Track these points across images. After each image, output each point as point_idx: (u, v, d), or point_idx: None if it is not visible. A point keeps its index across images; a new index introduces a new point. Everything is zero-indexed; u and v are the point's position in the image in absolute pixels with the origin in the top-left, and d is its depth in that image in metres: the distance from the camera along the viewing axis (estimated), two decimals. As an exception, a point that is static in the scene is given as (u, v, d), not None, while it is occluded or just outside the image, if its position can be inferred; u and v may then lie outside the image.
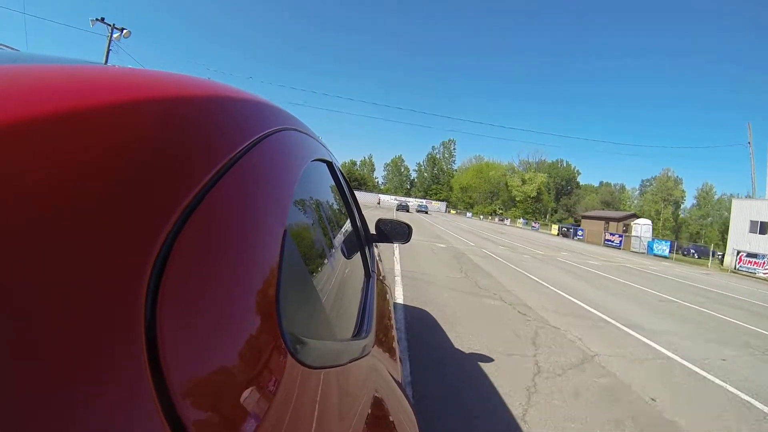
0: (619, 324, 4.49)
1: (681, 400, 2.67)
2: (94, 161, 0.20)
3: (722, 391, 2.97)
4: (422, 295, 4.48)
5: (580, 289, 6.57)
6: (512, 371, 2.71)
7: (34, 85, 0.23)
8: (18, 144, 0.18)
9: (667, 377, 3.08)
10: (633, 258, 18.29)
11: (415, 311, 3.80)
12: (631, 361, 3.32)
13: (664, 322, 4.99)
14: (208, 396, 0.22)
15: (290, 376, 0.31)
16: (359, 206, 1.34)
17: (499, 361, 2.82)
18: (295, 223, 0.45)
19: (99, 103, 0.23)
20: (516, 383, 2.52)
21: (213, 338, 0.23)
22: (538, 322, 4.08)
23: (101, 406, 0.17)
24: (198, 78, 0.39)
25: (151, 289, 0.20)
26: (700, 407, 2.61)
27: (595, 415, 2.26)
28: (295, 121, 0.57)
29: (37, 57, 0.34)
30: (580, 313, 4.80)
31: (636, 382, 2.84)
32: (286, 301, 0.33)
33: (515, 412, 2.15)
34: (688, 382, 3.04)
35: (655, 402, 2.55)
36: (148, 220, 0.21)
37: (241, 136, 0.34)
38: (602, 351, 3.44)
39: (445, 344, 3.03)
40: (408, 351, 2.71)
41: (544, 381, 2.62)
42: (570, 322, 4.26)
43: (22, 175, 0.17)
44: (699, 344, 4.18)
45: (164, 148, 0.25)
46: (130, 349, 0.18)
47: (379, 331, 0.91)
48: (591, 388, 2.64)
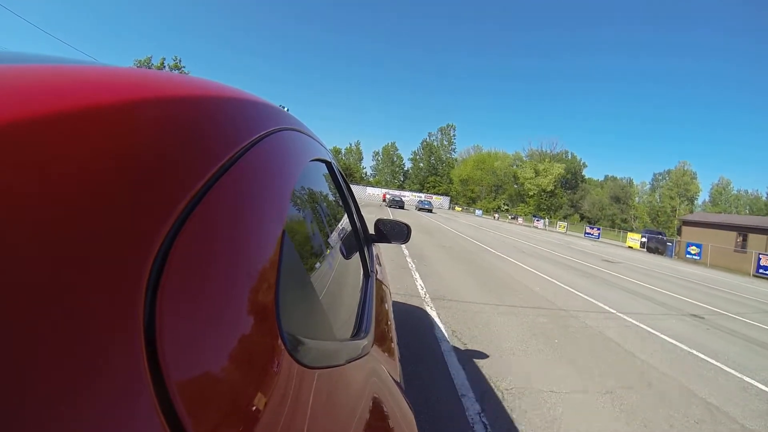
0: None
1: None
2: (93, 161, 0.20)
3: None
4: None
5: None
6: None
7: (34, 85, 0.23)
8: (18, 144, 0.18)
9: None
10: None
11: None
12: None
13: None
14: (206, 395, 0.22)
15: (289, 376, 0.31)
16: (358, 206, 1.32)
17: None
18: (293, 223, 0.45)
19: (98, 103, 0.23)
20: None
21: (211, 338, 0.24)
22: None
23: (100, 405, 0.17)
24: (197, 78, 0.39)
25: (150, 289, 0.20)
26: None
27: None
28: (294, 120, 0.57)
29: (37, 57, 0.34)
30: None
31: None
32: (285, 301, 0.33)
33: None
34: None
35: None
36: (148, 220, 0.21)
37: (240, 136, 0.34)
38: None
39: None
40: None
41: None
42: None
43: (22, 174, 0.17)
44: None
45: (163, 148, 0.25)
46: (129, 349, 0.18)
47: (378, 331, 0.91)
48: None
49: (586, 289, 6.13)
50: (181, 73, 50.36)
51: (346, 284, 0.81)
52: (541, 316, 4.03)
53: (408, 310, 3.55)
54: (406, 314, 3.38)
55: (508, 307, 4.22)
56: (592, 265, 10.03)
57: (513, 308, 4.19)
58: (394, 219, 1.72)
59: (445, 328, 3.15)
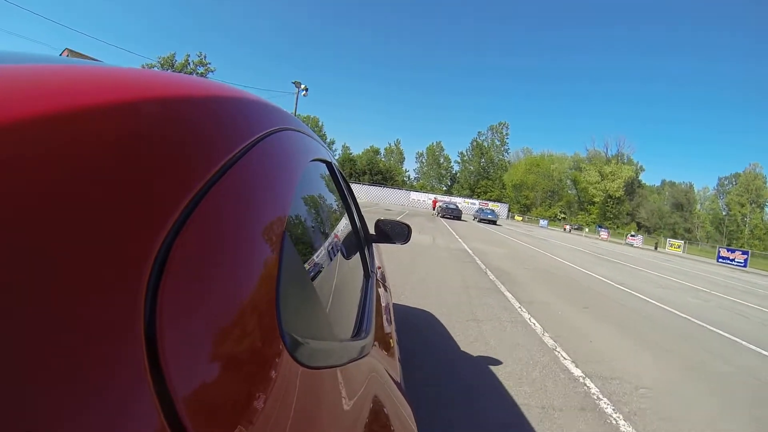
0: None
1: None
2: (93, 161, 0.20)
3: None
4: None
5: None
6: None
7: (34, 84, 0.23)
8: (18, 143, 0.18)
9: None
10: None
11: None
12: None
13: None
14: (207, 395, 0.22)
15: (289, 376, 0.31)
16: (359, 206, 1.31)
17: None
18: (294, 224, 0.45)
19: (98, 102, 0.23)
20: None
21: (212, 338, 0.24)
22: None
23: (101, 404, 0.17)
24: (197, 78, 0.39)
25: (150, 289, 0.20)
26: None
27: None
28: (295, 121, 0.57)
29: (37, 57, 0.34)
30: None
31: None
32: (286, 301, 0.33)
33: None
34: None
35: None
36: (148, 220, 0.21)
37: (240, 136, 0.35)
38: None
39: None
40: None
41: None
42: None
43: (22, 174, 0.17)
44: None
45: (164, 148, 0.26)
46: (129, 349, 0.18)
47: (379, 331, 0.90)
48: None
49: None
50: (206, 69, 42.78)
51: (347, 284, 0.80)
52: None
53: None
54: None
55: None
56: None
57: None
58: (395, 219, 1.69)
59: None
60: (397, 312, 1.96)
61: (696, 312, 5.50)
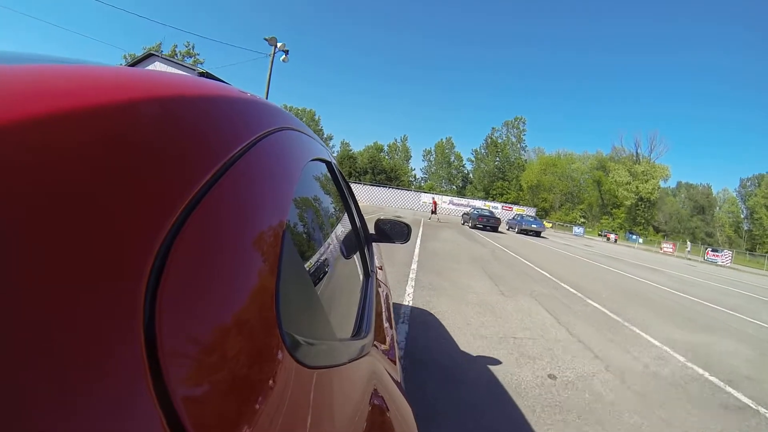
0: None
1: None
2: (93, 161, 0.20)
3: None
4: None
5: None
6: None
7: (34, 84, 0.23)
8: (18, 143, 0.18)
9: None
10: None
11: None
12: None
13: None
14: (206, 394, 0.22)
15: (289, 376, 0.31)
16: (358, 206, 1.31)
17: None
18: (294, 223, 0.45)
19: (98, 103, 0.23)
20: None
21: (212, 337, 0.24)
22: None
23: (101, 404, 0.17)
24: (197, 78, 0.39)
25: (150, 288, 0.20)
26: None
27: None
28: (294, 120, 0.57)
29: (37, 57, 0.34)
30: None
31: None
32: (286, 300, 0.33)
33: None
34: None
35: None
36: (148, 220, 0.22)
37: (239, 135, 0.35)
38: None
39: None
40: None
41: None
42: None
43: (22, 174, 0.17)
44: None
45: (164, 148, 0.26)
46: (129, 349, 0.18)
47: (378, 331, 0.90)
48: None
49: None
50: (194, 60, 34.93)
51: (347, 284, 0.81)
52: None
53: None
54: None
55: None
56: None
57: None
58: (395, 219, 1.65)
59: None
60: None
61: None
